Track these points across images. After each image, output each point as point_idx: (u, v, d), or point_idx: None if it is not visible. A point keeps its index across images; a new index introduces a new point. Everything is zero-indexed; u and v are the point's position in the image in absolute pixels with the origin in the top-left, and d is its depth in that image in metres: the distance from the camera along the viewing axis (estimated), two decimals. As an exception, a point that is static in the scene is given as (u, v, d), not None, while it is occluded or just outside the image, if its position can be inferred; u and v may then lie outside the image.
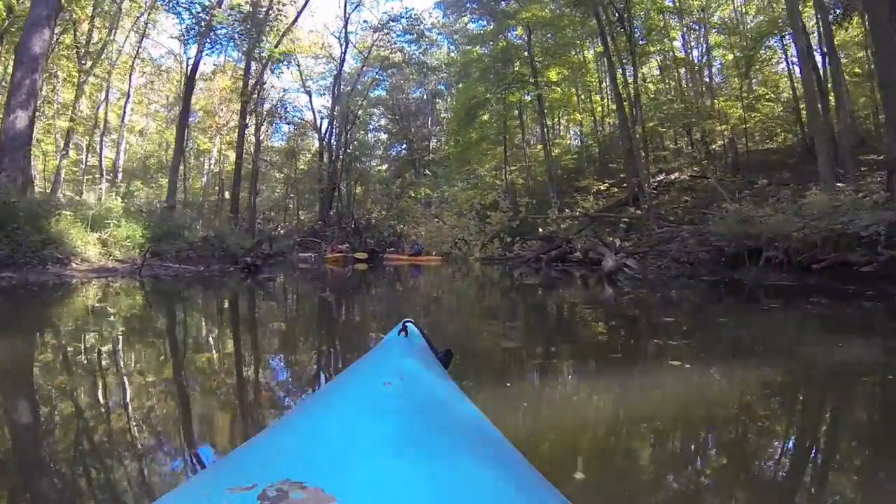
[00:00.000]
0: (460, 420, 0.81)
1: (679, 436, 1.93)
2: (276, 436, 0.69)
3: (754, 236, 6.45)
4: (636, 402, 2.26)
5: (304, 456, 0.55)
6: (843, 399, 2.35)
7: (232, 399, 2.38)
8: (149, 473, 1.50)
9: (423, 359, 1.17)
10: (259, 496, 0.43)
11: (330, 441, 0.59)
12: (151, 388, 2.44)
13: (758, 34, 20.71)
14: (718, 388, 2.49)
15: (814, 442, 1.89)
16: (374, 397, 0.78)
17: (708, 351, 3.29)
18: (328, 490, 0.44)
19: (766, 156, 20.26)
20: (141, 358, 3.20)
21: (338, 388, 0.97)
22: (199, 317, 5.35)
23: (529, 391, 2.46)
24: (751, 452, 1.69)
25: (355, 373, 1.05)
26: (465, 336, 4.08)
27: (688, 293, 6.22)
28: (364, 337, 3.97)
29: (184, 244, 10.03)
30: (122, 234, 9.12)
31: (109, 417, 2.04)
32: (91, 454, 1.66)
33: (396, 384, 0.83)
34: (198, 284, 8.09)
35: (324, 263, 14.66)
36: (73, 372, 2.76)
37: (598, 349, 3.46)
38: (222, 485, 0.48)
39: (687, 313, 5.00)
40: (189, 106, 17.85)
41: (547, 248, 11.71)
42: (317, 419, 0.72)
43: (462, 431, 0.74)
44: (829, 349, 3.18)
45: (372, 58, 26.61)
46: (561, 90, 19.97)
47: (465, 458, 0.61)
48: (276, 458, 0.56)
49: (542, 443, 1.82)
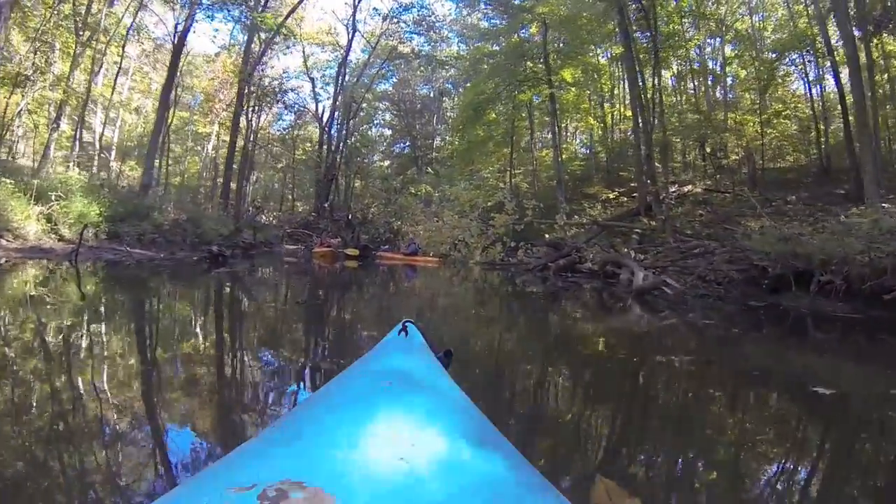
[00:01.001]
0: (460, 420, 0.79)
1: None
2: (276, 436, 0.69)
3: (803, 257, 5.55)
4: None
5: (304, 456, 0.55)
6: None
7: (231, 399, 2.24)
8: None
9: (423, 359, 1.17)
10: (259, 496, 0.43)
11: (330, 441, 0.59)
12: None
13: (780, 47, 19.98)
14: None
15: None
16: (373, 397, 0.78)
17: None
18: (328, 490, 0.44)
19: (780, 174, 19.67)
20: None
21: (338, 388, 0.95)
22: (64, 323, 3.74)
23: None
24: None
25: (355, 373, 1.05)
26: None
27: (738, 321, 5.26)
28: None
29: (149, 227, 8.90)
30: (74, 209, 7.94)
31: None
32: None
33: (396, 384, 0.84)
34: (144, 273, 6.96)
35: (311, 258, 13.69)
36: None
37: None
38: (222, 484, 0.48)
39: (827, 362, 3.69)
40: (175, 74, 16.79)
41: (554, 256, 10.79)
42: (317, 419, 0.72)
43: (461, 431, 0.72)
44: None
45: (379, 48, 25.71)
46: (574, 92, 19.06)
47: (464, 458, 0.60)
48: (276, 458, 0.56)
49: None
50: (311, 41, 27.06)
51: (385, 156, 34.04)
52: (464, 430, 0.73)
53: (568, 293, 8.02)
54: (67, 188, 8.30)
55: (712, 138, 18.67)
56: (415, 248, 14.75)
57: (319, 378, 2.61)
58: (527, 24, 19.23)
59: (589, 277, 9.69)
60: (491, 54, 20.71)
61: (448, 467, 0.56)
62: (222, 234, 10.39)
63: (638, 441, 1.96)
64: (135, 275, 6.89)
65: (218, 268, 8.30)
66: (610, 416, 2.30)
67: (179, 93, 31.70)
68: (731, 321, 5.20)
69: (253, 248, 12.23)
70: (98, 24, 20.90)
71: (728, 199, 16.21)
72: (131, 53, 24.75)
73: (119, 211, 8.84)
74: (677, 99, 21.65)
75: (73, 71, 20.95)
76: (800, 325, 5.12)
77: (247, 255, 10.53)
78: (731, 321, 5.21)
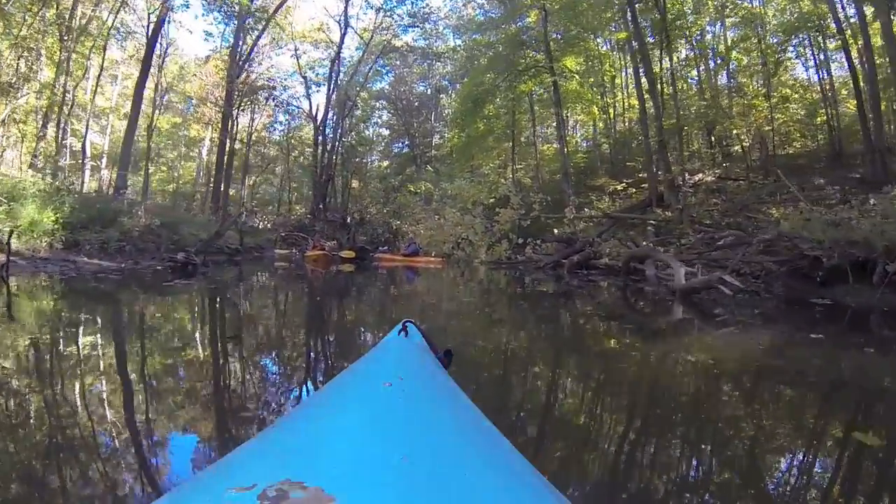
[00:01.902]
0: (460, 420, 0.80)
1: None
2: (276, 436, 0.69)
3: (862, 244, 4.83)
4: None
5: (304, 456, 0.55)
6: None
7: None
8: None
9: (423, 359, 1.15)
10: (259, 496, 0.42)
11: (330, 441, 0.58)
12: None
13: (786, 29, 19.25)
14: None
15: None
16: (373, 397, 0.77)
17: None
18: (328, 490, 0.43)
19: (789, 160, 19.06)
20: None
21: (338, 389, 0.93)
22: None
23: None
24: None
25: (355, 373, 1.04)
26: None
27: (813, 323, 4.47)
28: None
29: (115, 234, 8.07)
30: (25, 216, 7.06)
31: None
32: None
33: (396, 384, 0.82)
34: (81, 289, 5.93)
35: (304, 262, 12.89)
36: None
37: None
38: (222, 484, 0.47)
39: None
40: (148, 68, 15.96)
41: (567, 252, 10.06)
42: (317, 419, 0.72)
43: (462, 431, 0.73)
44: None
45: (374, 44, 25.00)
46: (577, 81, 18.27)
47: (464, 458, 0.60)
48: (276, 458, 0.55)
49: None
50: (303, 39, 26.41)
51: (383, 156, 33.43)
52: (464, 431, 0.74)
53: (585, 292, 7.29)
54: (19, 193, 7.45)
55: (720, 124, 17.92)
56: (415, 248, 13.92)
57: (320, 378, 2.51)
58: (524, 14, 18.50)
59: (605, 274, 8.97)
60: (489, 45, 19.97)
61: (448, 468, 0.55)
62: (203, 240, 9.56)
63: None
64: (69, 290, 5.89)
65: (182, 278, 7.29)
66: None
67: (171, 98, 31.16)
68: (810, 324, 4.40)
69: (238, 254, 11.50)
70: (83, 27, 20.25)
71: (742, 187, 15.50)
72: (118, 58, 23.98)
73: (81, 217, 7.99)
74: (681, 86, 20.92)
75: (59, 77, 20.32)
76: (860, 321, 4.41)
77: (232, 262, 9.73)
78: (811, 324, 4.41)
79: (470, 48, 22.42)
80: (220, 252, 9.11)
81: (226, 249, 10.58)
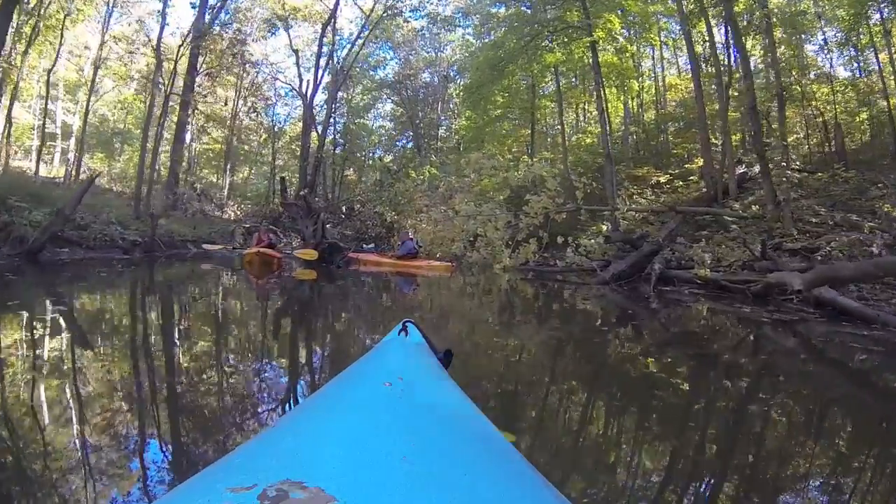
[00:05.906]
0: (460, 420, 0.79)
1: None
2: (276, 436, 0.67)
3: None
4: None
5: (304, 456, 0.54)
6: None
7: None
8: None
9: (424, 359, 1.13)
10: (259, 496, 0.42)
11: (330, 441, 0.58)
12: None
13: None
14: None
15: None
16: (374, 397, 0.76)
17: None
18: (328, 490, 0.43)
19: (852, 155, 16.17)
20: None
21: (338, 389, 0.92)
22: None
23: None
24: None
25: (355, 373, 1.02)
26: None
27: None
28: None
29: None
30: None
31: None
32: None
33: (396, 384, 0.81)
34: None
35: (243, 265, 9.34)
36: None
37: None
38: (222, 484, 0.46)
39: None
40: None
41: (640, 257, 6.89)
42: (317, 419, 0.71)
43: (462, 431, 0.72)
44: None
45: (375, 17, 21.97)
46: (614, 49, 15.07)
47: (465, 458, 0.59)
48: (276, 458, 0.54)
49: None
50: (294, 15, 23.53)
51: (387, 150, 30.58)
52: (464, 431, 0.72)
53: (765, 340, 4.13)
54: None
55: (796, 106, 14.84)
56: (411, 246, 10.34)
57: (320, 378, 2.52)
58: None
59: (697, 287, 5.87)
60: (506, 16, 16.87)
61: (448, 467, 0.54)
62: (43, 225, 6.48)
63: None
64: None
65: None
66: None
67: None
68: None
69: (141, 247, 8.34)
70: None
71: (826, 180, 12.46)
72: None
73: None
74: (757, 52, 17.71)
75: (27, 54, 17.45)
76: None
77: (128, 263, 6.69)
78: None
79: (484, 19, 19.37)
80: (112, 245, 6.14)
81: (120, 242, 7.55)
